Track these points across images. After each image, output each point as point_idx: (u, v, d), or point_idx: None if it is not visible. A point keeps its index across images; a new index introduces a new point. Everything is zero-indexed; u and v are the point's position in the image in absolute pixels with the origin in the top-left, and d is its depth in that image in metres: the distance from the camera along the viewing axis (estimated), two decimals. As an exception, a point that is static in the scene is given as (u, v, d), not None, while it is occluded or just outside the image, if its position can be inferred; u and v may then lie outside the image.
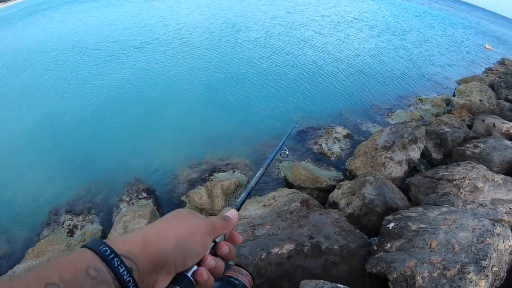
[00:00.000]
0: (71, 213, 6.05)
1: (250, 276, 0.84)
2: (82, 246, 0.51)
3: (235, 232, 0.77)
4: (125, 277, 0.48)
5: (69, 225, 5.73)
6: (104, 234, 5.48)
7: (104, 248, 0.49)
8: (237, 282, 0.79)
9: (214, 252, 0.68)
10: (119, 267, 0.48)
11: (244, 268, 0.85)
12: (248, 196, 0.97)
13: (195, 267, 0.61)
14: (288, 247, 3.44)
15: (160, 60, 13.16)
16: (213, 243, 0.68)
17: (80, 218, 5.90)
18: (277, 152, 1.55)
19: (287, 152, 1.68)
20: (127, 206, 5.86)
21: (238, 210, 0.87)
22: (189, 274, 0.60)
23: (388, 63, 14.10)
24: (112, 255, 0.49)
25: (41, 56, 15.39)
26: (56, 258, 0.47)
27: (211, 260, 0.64)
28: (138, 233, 0.56)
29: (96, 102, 10.03)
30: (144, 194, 6.16)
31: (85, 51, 15.35)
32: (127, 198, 6.13)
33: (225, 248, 0.69)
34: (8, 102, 10.80)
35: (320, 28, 19.29)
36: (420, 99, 10.58)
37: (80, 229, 5.62)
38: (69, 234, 5.50)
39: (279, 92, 10.29)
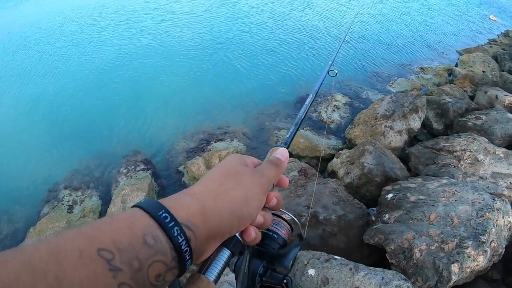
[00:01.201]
0: (69, 188, 6.05)
1: (289, 227, 0.84)
2: (136, 206, 0.47)
3: (282, 176, 0.70)
4: (183, 248, 0.44)
5: (68, 201, 5.75)
6: (103, 209, 5.50)
7: (163, 214, 0.44)
8: (276, 236, 0.78)
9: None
10: (179, 236, 0.44)
11: (283, 218, 0.83)
12: (298, 129, 0.86)
13: None
14: (286, 217, 3.39)
15: (155, 28, 12.84)
16: None
17: (79, 193, 5.90)
18: (327, 73, 1.36)
19: (336, 71, 1.50)
20: (125, 179, 5.87)
21: (287, 147, 0.77)
22: (237, 234, 0.58)
23: (390, 30, 13.72)
24: (172, 223, 0.44)
25: (36, 31, 14.91)
26: (109, 218, 0.43)
27: (259, 217, 0.60)
28: (195, 199, 0.51)
29: (90, 74, 9.83)
30: (142, 166, 6.13)
31: (80, 23, 14.89)
32: (125, 171, 6.11)
33: (273, 200, 0.64)
34: (3, 79, 10.51)
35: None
36: (422, 68, 10.37)
37: (79, 205, 5.64)
38: (69, 211, 5.53)
39: (278, 58, 10.07)
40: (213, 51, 10.63)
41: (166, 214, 0.44)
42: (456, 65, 11.02)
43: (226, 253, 0.56)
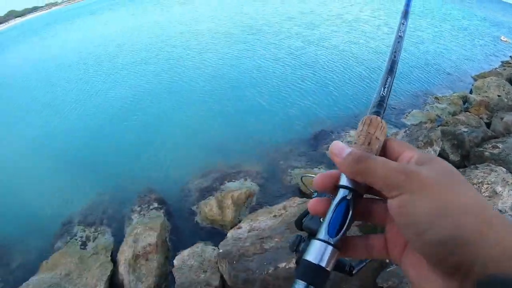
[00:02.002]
0: (83, 223, 6.13)
1: None
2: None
3: None
4: None
5: (82, 236, 5.80)
6: (115, 247, 5.48)
7: None
8: None
9: None
10: None
11: None
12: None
13: None
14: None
15: (172, 66, 13.31)
16: None
17: (92, 229, 5.95)
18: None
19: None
20: (138, 217, 5.89)
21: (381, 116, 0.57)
22: None
23: (402, 60, 13.77)
24: None
25: (56, 66, 15.76)
26: None
27: None
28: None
29: (107, 110, 10.20)
30: (155, 204, 6.17)
31: (98, 61, 15.65)
32: (138, 209, 6.15)
33: None
34: (23, 112, 11.08)
35: (333, 27, 19.11)
36: (436, 98, 10.28)
37: (93, 241, 5.68)
38: (82, 247, 5.56)
39: (294, 94, 10.18)
40: (228, 88, 10.90)
41: None
42: (471, 92, 10.89)
43: None
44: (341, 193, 0.45)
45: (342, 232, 0.44)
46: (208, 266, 4.28)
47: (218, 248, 4.35)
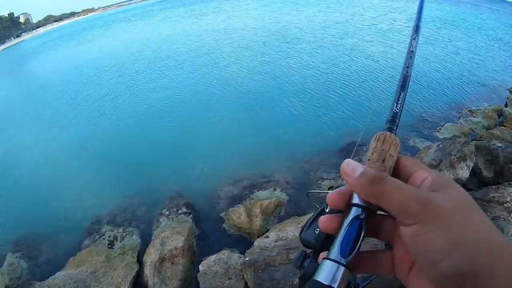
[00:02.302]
0: (112, 224, 6.31)
1: None
2: None
3: None
4: None
5: (110, 236, 5.96)
6: (142, 248, 5.60)
7: None
8: None
9: None
10: None
11: None
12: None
13: None
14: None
15: (205, 75, 13.52)
16: None
17: (121, 229, 6.12)
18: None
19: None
20: (167, 221, 5.99)
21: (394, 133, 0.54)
22: None
23: (436, 72, 13.50)
24: None
25: (94, 70, 16.34)
26: None
27: None
28: None
29: (142, 116, 10.47)
30: (184, 209, 6.27)
31: (135, 65, 16.13)
32: (167, 212, 6.26)
33: None
34: (61, 114, 11.54)
35: (367, 37, 18.94)
36: (470, 111, 9.97)
37: (120, 241, 5.82)
38: (109, 246, 5.71)
39: (323, 108, 10.10)
40: (262, 96, 11.01)
41: None
42: (506, 105, 10.51)
43: None
44: (354, 211, 0.45)
45: (354, 252, 0.43)
46: (233, 274, 4.30)
47: (244, 256, 4.37)
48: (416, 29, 0.70)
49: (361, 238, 0.44)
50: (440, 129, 8.84)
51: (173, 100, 11.33)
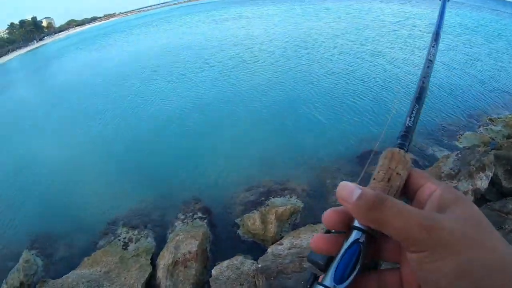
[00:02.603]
0: (128, 226, 6.36)
1: None
2: None
3: None
4: None
5: (125, 238, 6.03)
6: (156, 251, 5.63)
7: None
8: None
9: None
10: None
11: None
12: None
13: None
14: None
15: (225, 80, 13.59)
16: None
17: (136, 232, 6.17)
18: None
19: None
20: (182, 225, 6.03)
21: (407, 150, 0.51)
22: None
23: (455, 78, 13.24)
24: None
25: (114, 74, 16.64)
26: None
27: None
28: None
29: (162, 120, 10.60)
30: (200, 214, 6.29)
31: (154, 70, 16.36)
32: (183, 217, 6.30)
33: None
34: (82, 117, 11.79)
35: (387, 43, 18.78)
36: (491, 119, 9.72)
37: (135, 243, 5.87)
38: (124, 247, 5.77)
39: (341, 116, 9.99)
40: (280, 103, 10.99)
41: None
42: (528, 114, 10.22)
43: None
44: (354, 235, 0.41)
45: (350, 279, 0.39)
46: (245, 280, 4.27)
47: (257, 263, 4.33)
48: (436, 36, 0.65)
49: (358, 264, 0.40)
50: (459, 137, 8.65)
51: (193, 105, 11.43)
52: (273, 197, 6.46)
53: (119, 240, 5.99)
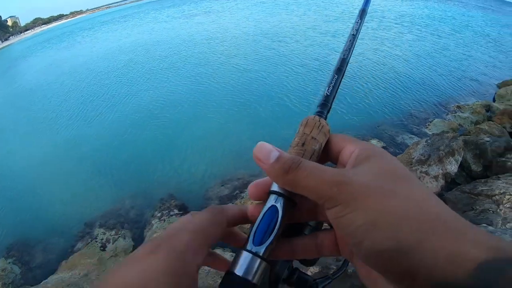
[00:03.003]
0: (104, 226, 6.27)
1: None
2: None
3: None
4: None
5: (102, 239, 5.93)
6: (134, 250, 5.58)
7: None
8: None
9: None
10: None
11: None
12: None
13: None
14: (313, 269, 3.35)
15: (193, 75, 13.50)
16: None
17: (113, 232, 6.09)
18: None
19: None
20: (159, 223, 5.96)
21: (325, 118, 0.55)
22: None
23: (422, 70, 13.64)
24: None
25: (82, 72, 16.24)
26: None
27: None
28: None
29: (132, 118, 10.42)
30: (176, 211, 6.24)
31: (123, 66, 16.05)
32: (159, 214, 6.24)
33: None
34: (49, 116, 11.46)
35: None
36: (458, 106, 10.10)
37: (112, 243, 5.80)
38: (101, 248, 5.69)
39: (314, 105, 10.16)
40: (253, 96, 11.01)
41: None
42: (494, 100, 10.66)
43: None
44: (271, 200, 0.43)
45: (268, 241, 0.40)
46: (225, 272, 4.30)
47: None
48: (362, 13, 0.66)
49: (277, 226, 0.41)
50: (428, 125, 8.94)
51: (165, 100, 11.30)
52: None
53: (96, 241, 5.90)
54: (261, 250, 0.40)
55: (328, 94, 0.55)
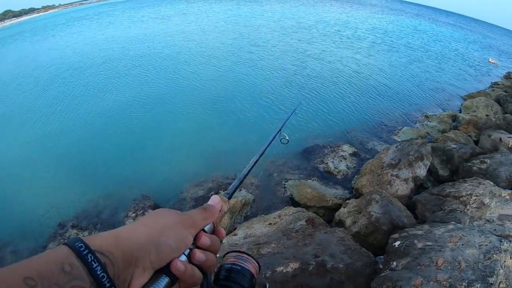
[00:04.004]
0: (77, 227, 6.14)
1: (256, 264, 0.85)
2: (63, 244, 0.51)
3: (219, 227, 0.75)
4: (98, 273, 0.48)
5: (74, 240, 5.78)
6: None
7: (79, 244, 0.49)
8: (239, 267, 0.82)
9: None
10: (93, 262, 0.48)
11: (251, 256, 0.86)
12: (240, 184, 0.93)
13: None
14: (293, 265, 3.43)
15: (166, 77, 13.39)
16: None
17: (86, 233, 5.97)
18: (274, 137, 1.41)
19: (288, 138, 1.55)
20: (133, 223, 5.87)
21: (229, 198, 0.85)
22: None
23: (394, 80, 14.16)
24: (86, 251, 0.49)
25: (49, 72, 15.73)
26: (36, 255, 0.48)
27: (198, 254, 0.63)
28: (113, 231, 0.56)
29: (104, 118, 10.21)
30: (150, 211, 6.18)
31: (97, 67, 15.68)
32: (133, 215, 6.18)
33: (204, 239, 0.66)
34: (19, 116, 11.02)
35: (325, 46, 19.54)
36: (426, 116, 10.57)
37: (86, 245, 5.65)
38: (74, 249, 5.53)
39: (287, 110, 10.35)
40: (226, 98, 11.09)
41: (82, 244, 0.49)
42: (460, 111, 11.21)
43: (163, 280, 0.58)
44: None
45: None
46: (204, 270, 4.30)
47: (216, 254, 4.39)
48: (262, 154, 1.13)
49: None
50: (397, 132, 9.31)
51: (139, 100, 11.15)
52: (223, 191, 6.52)
53: (69, 242, 5.75)
54: None
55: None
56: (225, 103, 10.70)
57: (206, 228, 0.68)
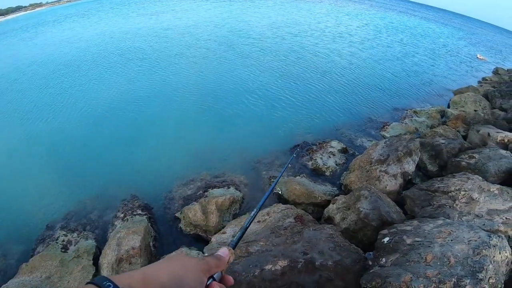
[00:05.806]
0: (66, 229, 6.02)
1: None
2: (89, 283, 0.55)
3: (227, 275, 0.80)
4: None
5: (64, 241, 5.70)
6: (99, 250, 5.41)
7: (107, 284, 0.53)
8: None
9: None
10: None
11: None
12: (243, 235, 0.99)
13: None
14: (282, 263, 3.39)
15: (156, 76, 13.26)
16: (211, 280, 0.74)
17: (75, 234, 5.86)
18: (269, 194, 1.50)
19: (280, 192, 1.75)
20: (122, 223, 5.82)
21: (233, 248, 0.89)
22: None
23: (383, 76, 14.21)
24: None
25: (39, 71, 15.49)
26: None
27: None
28: (138, 270, 0.61)
29: (93, 118, 10.06)
30: (139, 211, 6.11)
31: (86, 65, 15.48)
32: (122, 215, 6.10)
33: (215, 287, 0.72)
34: (7, 117, 10.82)
35: (315, 42, 19.54)
36: (415, 112, 10.61)
37: (74, 245, 5.58)
38: (63, 250, 5.46)
39: (274, 108, 10.31)
40: (216, 97, 10.99)
41: (110, 283, 0.54)
42: (448, 106, 11.29)
43: None
44: None
45: None
46: (192, 270, 4.25)
47: (203, 252, 4.35)
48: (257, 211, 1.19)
49: None
50: (386, 128, 9.34)
51: (128, 99, 11.03)
52: (211, 189, 6.50)
53: (57, 243, 5.65)
54: None
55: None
56: (213, 102, 10.63)
57: (215, 276, 0.75)
